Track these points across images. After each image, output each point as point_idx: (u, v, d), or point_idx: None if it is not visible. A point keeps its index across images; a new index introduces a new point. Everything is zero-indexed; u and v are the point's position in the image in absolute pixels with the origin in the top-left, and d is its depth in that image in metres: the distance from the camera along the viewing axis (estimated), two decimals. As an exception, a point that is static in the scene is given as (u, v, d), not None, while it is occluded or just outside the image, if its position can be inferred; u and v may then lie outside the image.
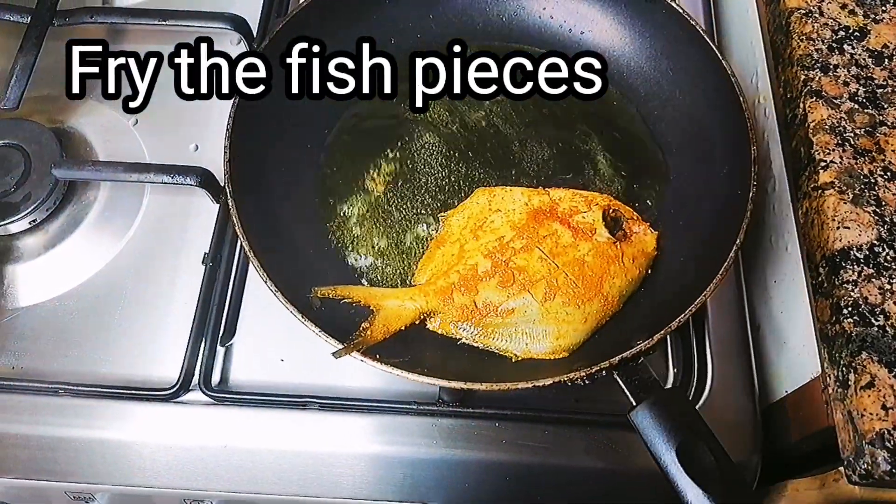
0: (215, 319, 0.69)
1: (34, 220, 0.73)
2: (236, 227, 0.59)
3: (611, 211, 0.65)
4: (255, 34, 0.83)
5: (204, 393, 0.65)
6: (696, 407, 0.66)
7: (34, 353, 0.69)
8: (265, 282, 0.57)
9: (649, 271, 0.64)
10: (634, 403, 0.52)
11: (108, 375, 0.68)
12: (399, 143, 0.73)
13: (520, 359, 0.60)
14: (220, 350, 0.69)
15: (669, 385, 0.68)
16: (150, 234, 0.75)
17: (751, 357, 0.70)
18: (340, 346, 0.55)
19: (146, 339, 0.70)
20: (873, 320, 0.54)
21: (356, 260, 0.68)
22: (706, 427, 0.51)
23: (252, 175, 0.65)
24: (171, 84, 0.83)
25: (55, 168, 0.72)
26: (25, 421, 0.65)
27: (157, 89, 0.83)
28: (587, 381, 0.54)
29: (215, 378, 0.67)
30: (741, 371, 0.69)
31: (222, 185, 0.73)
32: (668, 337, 0.67)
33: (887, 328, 0.54)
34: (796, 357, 0.68)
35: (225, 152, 0.62)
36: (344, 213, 0.70)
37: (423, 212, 0.70)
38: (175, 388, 0.65)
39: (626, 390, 0.53)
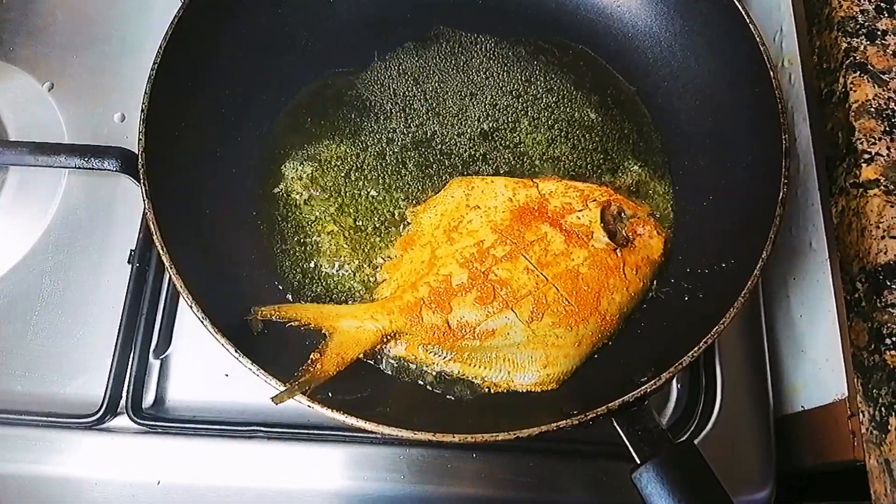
0: (146, 327, 0.60)
1: (-73, 210, 0.61)
2: (154, 236, 0.49)
3: (611, 208, 0.55)
4: None
5: (133, 419, 0.56)
6: (705, 429, 0.58)
7: (-65, 371, 0.60)
8: (190, 306, 0.47)
9: (655, 283, 0.54)
10: (638, 461, 0.43)
11: (22, 397, 0.59)
12: (349, 120, 0.62)
13: (500, 390, 0.51)
14: (154, 363, 0.60)
15: (673, 401, 0.59)
16: (68, 225, 0.65)
17: (766, 368, 0.61)
18: (282, 388, 0.45)
19: (66, 351, 0.61)
20: (922, 354, 0.46)
21: (305, 268, 0.57)
22: (724, 492, 0.43)
23: (176, 163, 0.54)
24: (93, 40, 0.71)
25: (-53, 149, 0.60)
26: (-77, 455, 0.56)
27: (75, 46, 0.71)
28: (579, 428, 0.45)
29: (147, 399, 0.59)
30: (754, 385, 0.61)
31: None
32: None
33: (939, 365, 0.45)
34: (817, 371, 0.60)
35: (139, 140, 0.51)
36: (290, 207, 0.59)
37: (387, 203, 0.59)
38: (99, 414, 0.56)
39: (627, 443, 0.44)
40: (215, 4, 0.57)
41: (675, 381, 0.60)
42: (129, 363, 0.58)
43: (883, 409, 0.47)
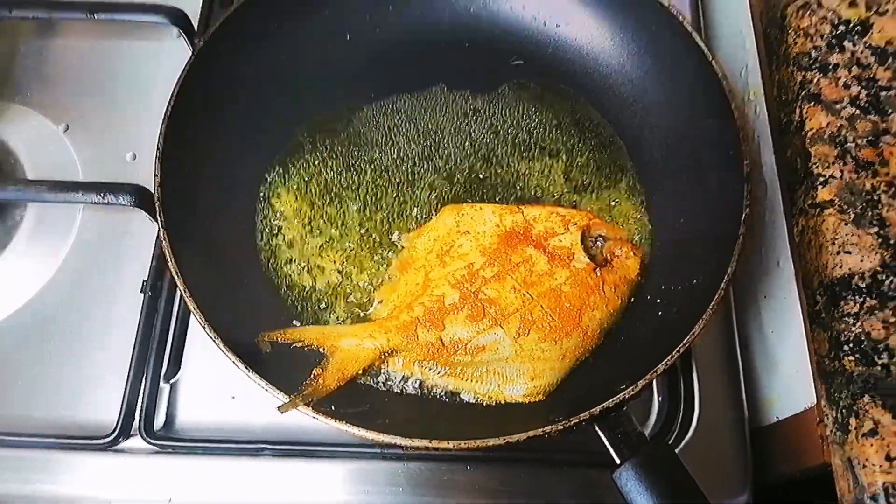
0: (157, 353, 0.63)
1: (-49, 246, 0.65)
2: (169, 263, 0.53)
3: (591, 231, 0.59)
4: (196, 28, 0.74)
5: (145, 440, 0.59)
6: (686, 438, 0.61)
7: (-44, 397, 0.63)
8: (203, 328, 0.51)
9: (632, 300, 0.59)
10: (618, 461, 0.47)
11: (40, 421, 0.62)
12: (347, 154, 0.67)
13: (492, 402, 0.55)
14: (164, 387, 0.63)
15: (654, 414, 0.63)
16: (83, 257, 0.68)
17: (740, 376, 0.65)
18: (287, 400, 0.49)
19: (82, 376, 0.64)
20: (876, 359, 0.50)
21: (306, 293, 0.61)
22: (695, 486, 0.46)
23: (188, 198, 0.58)
24: (106, 84, 0.76)
25: (-29, 189, 0.64)
26: (-53, 477, 0.59)
27: (90, 90, 0.76)
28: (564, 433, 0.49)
29: (158, 421, 0.62)
30: (730, 397, 0.64)
31: (161, 203, 0.66)
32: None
33: (892, 368, 0.49)
34: (789, 381, 0.64)
35: (155, 176, 0.55)
36: (291, 235, 0.63)
37: (382, 230, 0.63)
38: (114, 435, 0.59)
39: (608, 445, 0.48)
40: (222, 52, 0.62)
41: (656, 394, 0.64)
42: (142, 387, 0.61)
43: (844, 410, 0.51)
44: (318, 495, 0.59)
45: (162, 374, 0.63)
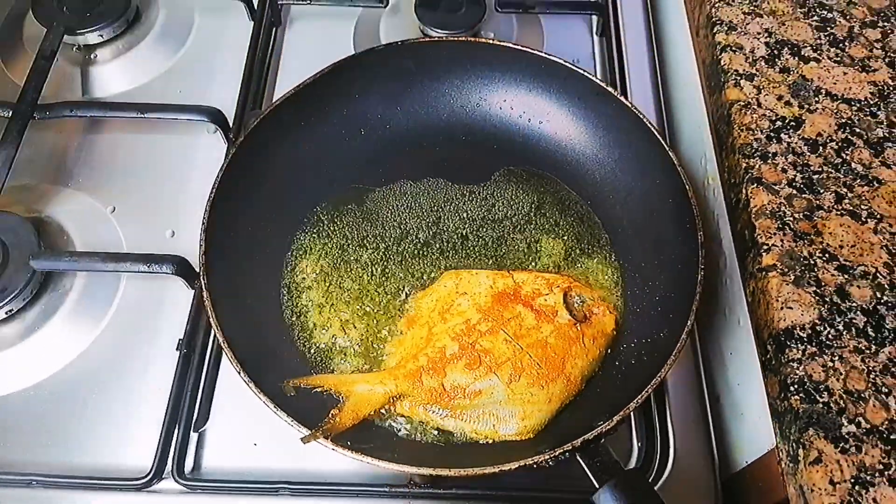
0: (189, 405, 0.70)
1: (10, 311, 0.74)
2: (211, 319, 0.61)
3: (572, 293, 0.68)
4: (231, 125, 0.86)
5: (177, 481, 0.66)
6: (660, 480, 0.68)
7: (6, 444, 0.69)
8: (238, 372, 0.59)
9: (609, 351, 0.67)
10: (597, 485, 0.54)
11: (81, 465, 0.68)
12: (360, 229, 0.77)
13: (487, 440, 0.62)
14: (194, 436, 0.70)
15: (634, 460, 0.70)
16: (125, 321, 0.76)
17: (710, 429, 0.72)
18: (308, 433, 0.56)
19: (120, 426, 0.71)
20: (818, 397, 0.57)
21: (325, 346, 0.70)
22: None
23: (225, 266, 0.67)
24: (149, 172, 0.86)
25: (33, 259, 0.73)
26: (-3, 515, 0.65)
27: (134, 176, 0.86)
28: (551, 464, 0.56)
29: (188, 465, 0.68)
30: (701, 443, 0.71)
31: (197, 271, 0.76)
32: (630, 413, 0.70)
33: (831, 405, 0.57)
34: (754, 428, 0.71)
35: (200, 246, 0.65)
36: (311, 298, 0.72)
37: (391, 293, 0.72)
38: (148, 478, 0.66)
39: (588, 472, 0.55)
40: (257, 145, 0.73)
41: (635, 441, 0.71)
42: (175, 435, 0.68)
43: (794, 444, 0.58)
44: (331, 530, 0.65)
45: (193, 424, 0.70)
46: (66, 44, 0.93)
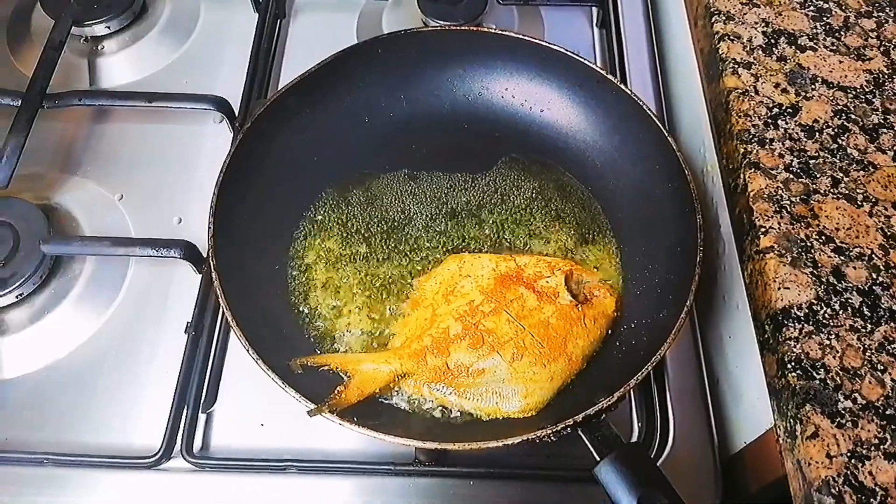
0: (197, 387, 0.71)
1: (21, 294, 0.75)
2: (220, 299, 0.63)
3: (573, 275, 0.70)
4: (237, 114, 0.88)
5: (186, 459, 0.67)
6: (660, 460, 0.69)
7: (18, 425, 0.71)
8: (247, 350, 0.60)
9: (610, 332, 0.68)
10: (598, 458, 0.56)
11: (91, 445, 0.70)
12: (365, 214, 0.78)
13: (490, 418, 0.64)
14: (202, 416, 0.71)
15: (634, 440, 0.71)
16: (133, 304, 0.78)
17: (709, 411, 0.74)
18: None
19: (129, 407, 0.72)
20: (815, 374, 0.59)
21: (332, 326, 0.71)
22: (665, 479, 0.55)
23: (233, 249, 0.68)
24: (156, 160, 0.88)
25: (44, 244, 0.75)
26: (10, 492, 0.67)
27: (141, 165, 0.88)
28: (553, 438, 0.58)
29: (197, 444, 0.69)
30: (701, 425, 0.72)
31: (205, 256, 0.77)
32: (631, 394, 0.72)
33: (827, 381, 0.58)
34: (752, 409, 0.72)
35: (209, 228, 0.66)
36: (318, 279, 0.74)
37: (396, 275, 0.74)
38: (158, 456, 0.67)
39: (590, 446, 0.57)
40: (264, 131, 0.75)
41: (636, 422, 0.73)
42: (183, 415, 0.70)
43: (791, 419, 0.59)
44: (337, 506, 0.66)
45: (201, 405, 0.71)
46: (74, 35, 0.94)
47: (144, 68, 0.96)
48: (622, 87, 0.76)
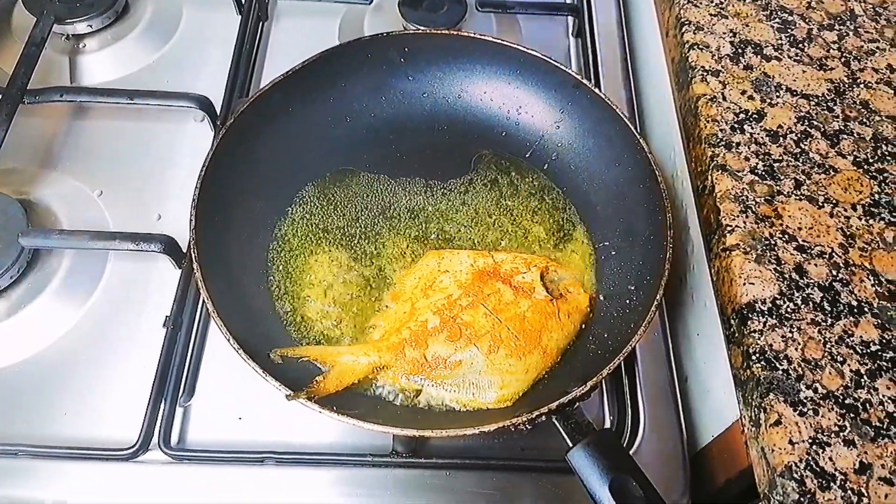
0: (175, 380, 0.72)
1: (-2, 287, 0.75)
2: (202, 291, 0.63)
3: (549, 272, 0.72)
4: (218, 112, 0.89)
5: (164, 452, 0.67)
6: (631, 452, 0.71)
7: (-7, 417, 0.70)
8: (228, 340, 0.61)
9: (584, 326, 0.70)
10: (571, 445, 0.57)
11: (68, 437, 0.69)
12: (344, 209, 0.80)
13: (468, 409, 0.65)
14: (179, 410, 0.71)
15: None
16: (111, 299, 0.78)
17: (678, 406, 0.76)
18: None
19: (107, 401, 0.72)
20: (777, 364, 0.61)
21: (311, 319, 0.72)
22: (635, 464, 0.57)
23: (214, 242, 0.69)
24: (136, 157, 0.88)
25: (22, 237, 0.75)
26: (-17, 483, 0.66)
27: (121, 162, 0.88)
28: (529, 427, 0.59)
29: (174, 437, 0.70)
30: (670, 419, 0.74)
31: (184, 251, 0.78)
32: (603, 388, 0.74)
33: (790, 371, 0.61)
34: (719, 404, 0.74)
35: (191, 221, 0.67)
36: (298, 276, 0.75)
37: (375, 268, 0.75)
38: (135, 448, 0.67)
39: (563, 433, 0.58)
40: (247, 127, 0.76)
41: (608, 417, 0.75)
42: (161, 409, 0.70)
43: (756, 408, 0.62)
44: (315, 497, 0.67)
45: (179, 398, 0.71)
46: (55, 33, 0.94)
47: (126, 67, 0.97)
48: (597, 91, 0.79)
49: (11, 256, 0.75)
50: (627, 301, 0.70)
